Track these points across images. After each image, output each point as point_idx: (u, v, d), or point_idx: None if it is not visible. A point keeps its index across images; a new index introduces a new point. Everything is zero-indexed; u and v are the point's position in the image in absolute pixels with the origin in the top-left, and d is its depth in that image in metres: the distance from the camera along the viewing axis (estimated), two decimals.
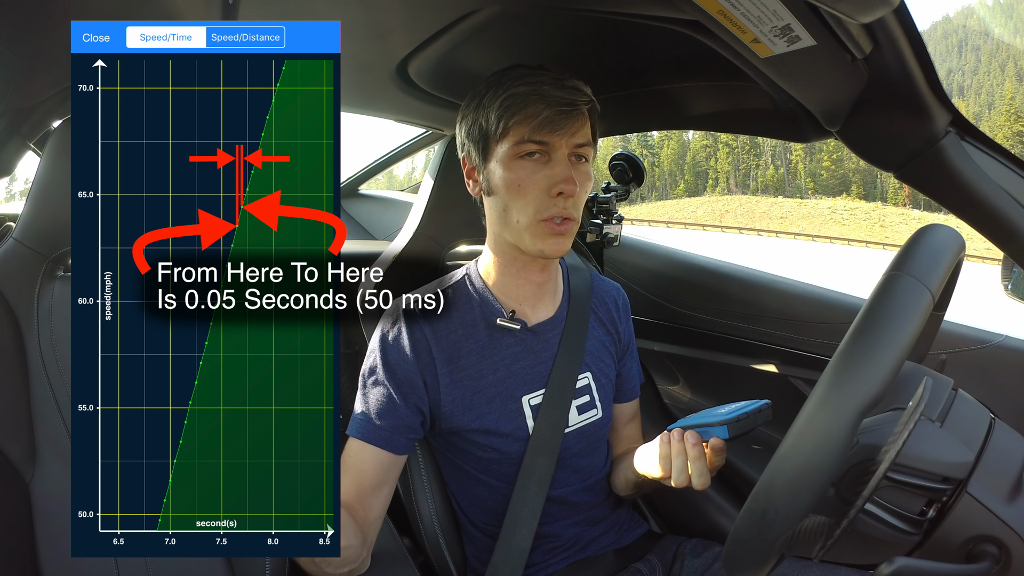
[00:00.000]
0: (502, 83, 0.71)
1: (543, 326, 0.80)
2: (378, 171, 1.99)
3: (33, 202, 0.92)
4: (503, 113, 0.70)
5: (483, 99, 0.72)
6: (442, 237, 0.99)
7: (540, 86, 0.69)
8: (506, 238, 0.76)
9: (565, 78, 0.71)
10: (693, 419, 0.68)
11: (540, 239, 0.72)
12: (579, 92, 0.70)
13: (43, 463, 0.90)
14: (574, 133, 0.70)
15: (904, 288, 0.45)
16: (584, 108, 0.71)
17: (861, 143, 0.69)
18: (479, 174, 0.76)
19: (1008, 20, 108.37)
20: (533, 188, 0.70)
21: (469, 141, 0.75)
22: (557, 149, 0.70)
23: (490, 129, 0.71)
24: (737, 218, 53.10)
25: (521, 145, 0.70)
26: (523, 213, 0.71)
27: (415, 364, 0.74)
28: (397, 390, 0.73)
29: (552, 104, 0.68)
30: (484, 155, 0.74)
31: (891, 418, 0.46)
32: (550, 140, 0.70)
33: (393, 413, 0.72)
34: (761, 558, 0.44)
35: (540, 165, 0.71)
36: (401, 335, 0.75)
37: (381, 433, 0.71)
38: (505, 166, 0.71)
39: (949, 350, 0.85)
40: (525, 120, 0.69)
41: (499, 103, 0.70)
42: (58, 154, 0.92)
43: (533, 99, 0.69)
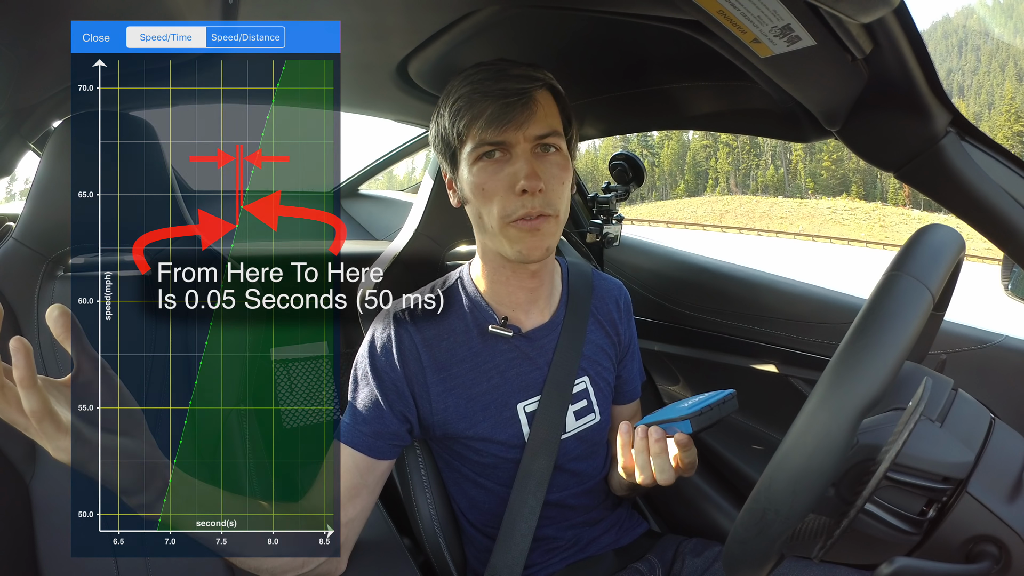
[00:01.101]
0: (451, 87, 0.69)
1: (538, 331, 0.78)
2: (378, 171, 1.99)
3: (33, 202, 0.92)
4: (454, 118, 0.67)
5: (440, 108, 0.70)
6: (442, 237, 0.99)
7: (482, 83, 0.66)
8: (488, 245, 0.74)
9: (512, 67, 0.67)
10: (658, 415, 0.67)
11: (515, 241, 0.69)
12: (528, 79, 0.66)
13: (43, 463, 0.90)
14: (528, 124, 0.66)
15: (904, 288, 0.45)
16: (536, 95, 0.66)
17: (861, 143, 0.69)
18: (455, 183, 0.74)
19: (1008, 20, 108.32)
20: (497, 190, 0.67)
21: (438, 153, 0.74)
22: (515, 145, 0.66)
23: (449, 137, 0.69)
24: (737, 218, 53.08)
25: (479, 148, 0.67)
26: (493, 216, 0.68)
27: (402, 373, 0.73)
28: (383, 397, 0.72)
29: (495, 98, 0.65)
30: (453, 164, 0.72)
31: (891, 418, 0.46)
32: (504, 138, 0.66)
33: (378, 420, 0.72)
34: (761, 558, 0.44)
35: (502, 164, 0.67)
36: (390, 342, 0.73)
37: (363, 438, 0.71)
38: (470, 172, 0.69)
39: (949, 350, 0.85)
40: (473, 121, 0.66)
41: (449, 109, 0.68)
42: (58, 154, 0.92)
43: (476, 98, 0.65)
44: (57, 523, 0.88)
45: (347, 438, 0.71)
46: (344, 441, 0.71)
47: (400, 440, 0.74)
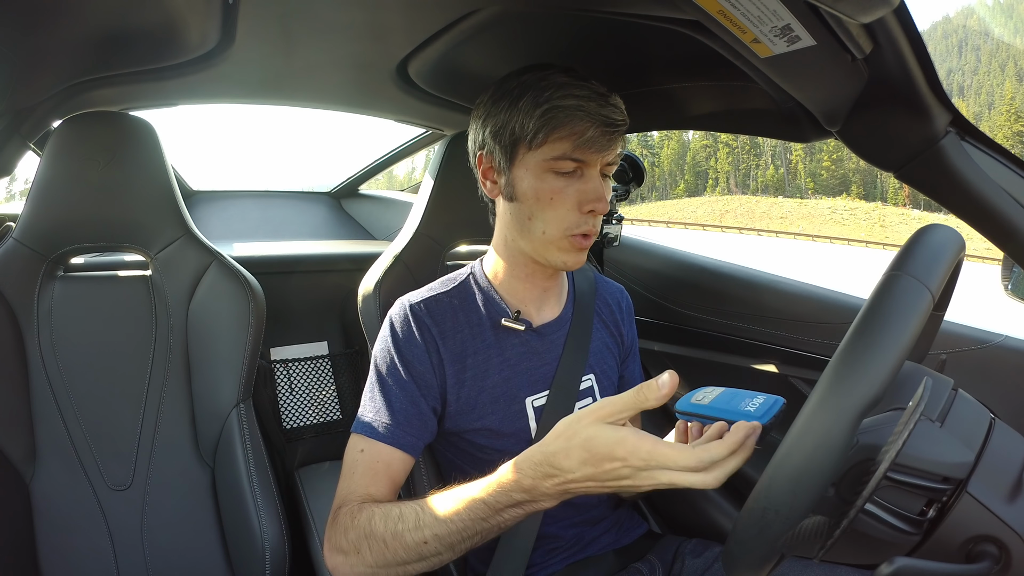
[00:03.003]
0: (543, 89, 0.68)
1: (548, 327, 0.80)
2: (378, 171, 1.99)
3: (33, 202, 0.92)
4: (544, 124, 0.67)
5: (519, 102, 0.69)
6: (442, 237, 0.99)
7: (586, 101, 0.67)
8: (521, 246, 0.75)
9: (608, 95, 0.69)
10: (708, 409, 0.58)
11: (564, 252, 0.72)
12: (619, 111, 0.69)
13: (43, 463, 0.90)
14: (611, 152, 0.70)
15: (904, 288, 0.45)
16: (623, 128, 0.70)
17: (861, 143, 0.69)
18: (500, 176, 0.74)
19: (1008, 20, 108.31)
20: (564, 202, 0.70)
21: (495, 142, 0.72)
22: (592, 166, 0.70)
23: (525, 135, 0.69)
24: (737, 218, 53.10)
25: (559, 160, 0.68)
26: (551, 225, 0.71)
27: (429, 365, 0.73)
28: (420, 391, 0.72)
29: (597, 124, 0.67)
30: (511, 159, 0.72)
31: (891, 418, 0.46)
32: (588, 158, 0.69)
33: (417, 417, 0.72)
34: (761, 558, 0.44)
35: (573, 180, 0.70)
36: (413, 336, 0.74)
37: (407, 438, 0.71)
38: (536, 176, 0.70)
39: (949, 350, 0.85)
40: (569, 136, 0.67)
41: (541, 112, 0.67)
42: (58, 154, 0.92)
43: (579, 116, 0.67)
44: (57, 523, 0.89)
45: (388, 437, 0.70)
46: (386, 441, 0.70)
47: (431, 437, 0.75)
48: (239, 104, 1.19)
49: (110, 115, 0.96)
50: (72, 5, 0.71)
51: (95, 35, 0.80)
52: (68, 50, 0.82)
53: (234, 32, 0.81)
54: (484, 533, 0.57)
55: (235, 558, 0.92)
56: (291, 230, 1.85)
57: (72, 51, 0.83)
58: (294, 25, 0.81)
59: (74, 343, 0.93)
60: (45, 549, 0.87)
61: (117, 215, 0.96)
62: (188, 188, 1.85)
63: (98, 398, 0.94)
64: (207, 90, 1.07)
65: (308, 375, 1.51)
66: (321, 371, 1.53)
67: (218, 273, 0.99)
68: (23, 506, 0.87)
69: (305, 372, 1.51)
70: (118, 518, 0.91)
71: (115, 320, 0.97)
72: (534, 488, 0.53)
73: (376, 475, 0.69)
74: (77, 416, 0.92)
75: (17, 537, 0.85)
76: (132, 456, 0.94)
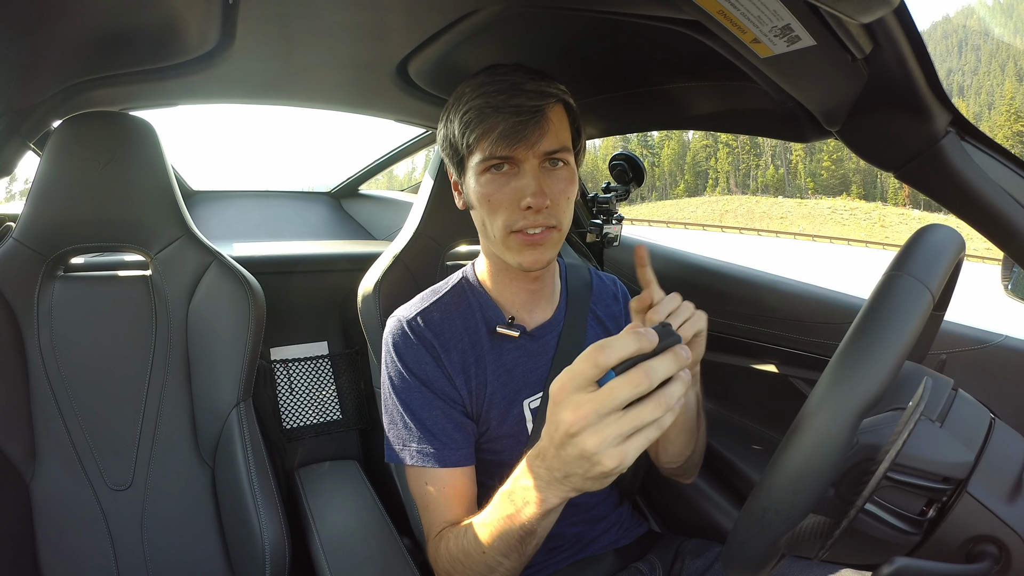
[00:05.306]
0: (463, 94, 0.68)
1: (541, 329, 0.80)
2: (378, 171, 1.99)
3: (33, 202, 0.92)
4: (464, 129, 0.67)
5: (450, 113, 0.70)
6: (442, 237, 0.99)
7: (495, 96, 0.65)
8: (491, 249, 0.75)
9: (526, 81, 0.66)
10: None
11: (515, 252, 0.70)
12: (541, 95, 0.66)
13: (43, 463, 0.90)
14: (538, 141, 0.66)
15: (904, 288, 0.45)
16: (548, 112, 0.66)
17: (861, 143, 0.69)
18: (460, 186, 0.74)
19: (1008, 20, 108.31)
20: (502, 202, 0.68)
21: (445, 156, 0.74)
22: (524, 161, 0.67)
23: (458, 144, 0.69)
24: (737, 218, 53.09)
25: (488, 161, 0.67)
26: (495, 227, 0.69)
27: (443, 377, 0.73)
28: (446, 405, 0.73)
29: (508, 115, 0.64)
30: (460, 169, 0.72)
31: (891, 418, 0.46)
32: (513, 154, 0.66)
33: (458, 431, 0.72)
34: (761, 558, 0.44)
35: (509, 177, 0.68)
36: (421, 355, 0.73)
37: (458, 455, 0.71)
38: (477, 181, 0.69)
39: (949, 350, 0.85)
40: (484, 135, 0.66)
41: (460, 118, 0.68)
42: (58, 154, 0.92)
43: (488, 112, 0.65)
44: (57, 523, 0.89)
45: (444, 461, 0.70)
46: (443, 465, 0.70)
47: (476, 436, 0.75)
48: (239, 104, 1.19)
49: (110, 115, 0.96)
50: (72, 5, 0.71)
51: (95, 35, 0.80)
52: (68, 50, 0.82)
53: (234, 32, 0.81)
54: (522, 536, 0.55)
55: (235, 558, 0.92)
56: (291, 230, 1.85)
57: (72, 51, 0.83)
58: (294, 25, 0.81)
59: (74, 343, 0.93)
60: (45, 549, 0.87)
61: (117, 215, 0.96)
62: (188, 188, 1.85)
63: (98, 398, 0.93)
64: (207, 90, 1.06)
65: (308, 375, 1.51)
66: (321, 371, 1.52)
67: (218, 273, 0.99)
68: (23, 506, 0.87)
69: (305, 372, 1.50)
70: (118, 518, 0.91)
71: (115, 320, 0.96)
72: (537, 477, 0.53)
73: (448, 501, 0.69)
74: (77, 416, 0.92)
75: (17, 537, 0.85)
76: (132, 456, 0.94)
